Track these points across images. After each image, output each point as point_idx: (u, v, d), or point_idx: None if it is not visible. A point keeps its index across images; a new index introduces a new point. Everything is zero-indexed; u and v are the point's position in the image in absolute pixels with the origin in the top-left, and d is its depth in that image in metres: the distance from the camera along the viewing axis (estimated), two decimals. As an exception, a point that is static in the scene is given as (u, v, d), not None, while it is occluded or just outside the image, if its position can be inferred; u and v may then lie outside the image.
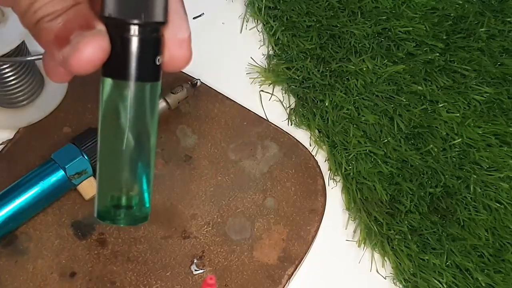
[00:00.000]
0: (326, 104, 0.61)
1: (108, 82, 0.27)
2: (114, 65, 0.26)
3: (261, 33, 0.67)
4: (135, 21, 0.25)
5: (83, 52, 0.25)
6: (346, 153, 0.58)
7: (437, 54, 0.65)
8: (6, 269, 0.50)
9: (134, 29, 0.26)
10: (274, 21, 0.66)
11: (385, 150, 0.59)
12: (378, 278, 0.54)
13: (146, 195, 0.29)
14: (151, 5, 0.26)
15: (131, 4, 0.25)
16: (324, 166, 0.58)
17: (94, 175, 0.53)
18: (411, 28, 0.67)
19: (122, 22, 0.25)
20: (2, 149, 0.56)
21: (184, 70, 0.61)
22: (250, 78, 0.64)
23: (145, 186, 0.29)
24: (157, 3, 0.26)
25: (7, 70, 0.54)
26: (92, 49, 0.25)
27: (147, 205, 0.29)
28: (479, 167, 0.59)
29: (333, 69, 0.63)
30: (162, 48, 0.27)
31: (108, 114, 0.27)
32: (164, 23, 0.26)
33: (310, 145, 0.60)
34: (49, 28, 0.26)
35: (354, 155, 0.58)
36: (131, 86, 0.26)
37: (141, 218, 0.29)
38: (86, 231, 0.52)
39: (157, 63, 0.27)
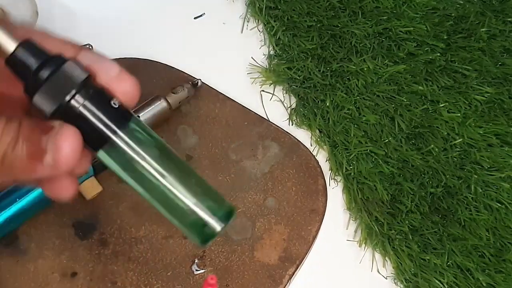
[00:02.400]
0: (327, 104, 0.61)
1: (101, 152, 0.27)
2: (91, 137, 0.27)
3: (262, 33, 0.67)
4: (70, 96, 0.26)
5: (63, 147, 0.26)
6: (347, 153, 0.58)
7: (438, 54, 0.65)
8: (7, 269, 0.50)
9: (76, 101, 0.26)
10: (275, 21, 0.66)
11: (386, 150, 0.59)
12: (379, 278, 0.54)
13: (214, 196, 0.29)
14: (69, 75, 0.26)
15: (58, 89, 0.26)
16: (325, 166, 0.58)
17: (95, 175, 0.53)
18: (412, 28, 0.67)
19: (64, 106, 0.26)
20: (3, 149, 0.56)
21: (185, 70, 0.62)
22: (251, 78, 0.64)
23: (206, 191, 0.29)
24: (72, 69, 0.27)
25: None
26: (69, 141, 0.26)
27: (221, 199, 0.29)
28: (480, 167, 0.59)
29: (334, 69, 0.63)
30: (108, 93, 0.28)
31: (125, 170, 0.28)
32: (89, 75, 0.27)
33: (311, 145, 0.60)
34: (17, 154, 0.26)
35: (355, 155, 0.58)
36: (119, 139, 0.27)
37: (230, 214, 0.29)
38: (87, 231, 0.52)
39: (115, 106, 0.27)
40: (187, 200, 0.28)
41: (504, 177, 0.58)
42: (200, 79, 0.60)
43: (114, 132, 0.27)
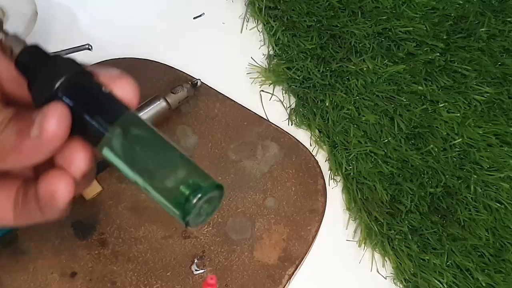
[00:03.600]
0: (327, 104, 0.61)
1: (101, 145, 0.28)
2: (86, 129, 0.28)
3: (261, 33, 0.67)
4: (57, 85, 0.27)
5: (49, 119, 0.26)
6: (347, 153, 0.58)
7: (438, 54, 0.65)
8: (7, 269, 0.50)
9: (61, 89, 0.27)
10: (274, 21, 0.66)
11: (385, 150, 0.59)
12: (379, 278, 0.54)
13: (199, 172, 0.29)
14: (63, 65, 0.28)
15: (51, 78, 0.27)
16: (324, 166, 0.58)
17: (96, 175, 0.53)
18: (411, 28, 0.67)
19: (54, 94, 0.27)
20: (3, 149, 0.56)
21: (184, 70, 0.62)
22: (250, 78, 0.64)
23: (192, 169, 0.29)
24: (68, 62, 0.28)
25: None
26: (56, 113, 0.27)
27: (206, 176, 0.29)
28: (479, 167, 0.59)
29: (333, 69, 0.63)
30: (97, 79, 0.28)
31: (124, 156, 0.28)
32: (83, 69, 0.28)
33: (311, 145, 0.60)
34: (7, 133, 0.27)
35: (354, 155, 0.58)
36: (115, 131, 0.27)
37: (218, 195, 0.29)
38: (87, 231, 0.52)
39: (106, 91, 0.28)
40: (172, 177, 0.29)
41: (504, 177, 0.58)
42: (200, 79, 0.60)
43: (108, 126, 0.27)
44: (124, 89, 0.29)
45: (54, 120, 0.26)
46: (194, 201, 0.28)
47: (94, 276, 0.50)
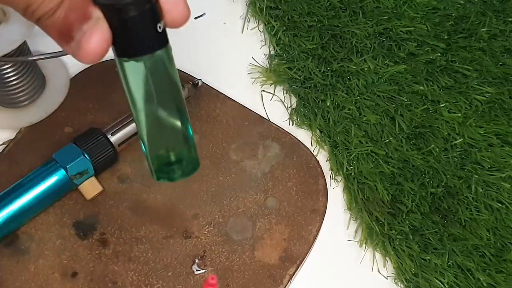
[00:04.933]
0: (328, 104, 0.61)
1: (123, 61, 0.28)
2: (122, 45, 0.28)
3: (262, 33, 0.67)
4: (127, 1, 0.26)
5: (87, 47, 0.26)
6: (348, 153, 0.58)
7: (439, 54, 0.65)
8: (8, 269, 0.50)
9: (128, 9, 0.26)
10: (275, 21, 0.66)
11: (386, 150, 0.58)
12: (380, 278, 0.54)
13: (191, 145, 0.31)
14: None
15: None
16: (325, 166, 0.58)
17: (96, 175, 0.53)
18: (412, 28, 0.67)
19: (116, 6, 0.26)
20: (4, 149, 0.56)
21: (185, 70, 0.62)
22: (251, 78, 0.64)
23: (187, 138, 0.31)
24: None
25: (8, 70, 0.54)
26: (95, 42, 0.26)
27: (194, 154, 0.31)
28: (480, 167, 0.59)
29: (334, 69, 0.63)
30: (160, 14, 0.28)
31: (134, 87, 0.29)
32: None
33: (312, 145, 0.60)
34: (50, 25, 0.27)
35: (355, 155, 0.58)
36: (145, 59, 0.28)
37: (193, 169, 0.31)
38: (88, 231, 0.52)
39: (159, 30, 0.28)
40: (162, 135, 0.30)
41: (505, 177, 0.58)
42: (201, 79, 0.60)
43: (144, 52, 0.27)
44: (177, 12, 0.29)
45: (94, 45, 0.26)
46: (173, 169, 0.30)
47: (95, 276, 0.50)
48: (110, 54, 0.29)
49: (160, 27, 0.27)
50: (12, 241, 0.51)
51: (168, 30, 0.29)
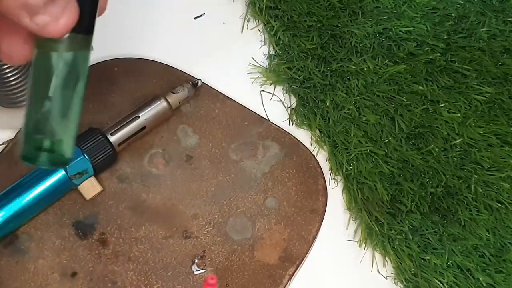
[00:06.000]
0: (327, 104, 0.61)
1: (48, 45, 0.29)
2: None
3: (262, 33, 0.67)
4: None
5: (60, 21, 0.27)
6: (347, 153, 0.58)
7: (438, 54, 0.65)
8: (7, 269, 0.50)
9: None
10: (275, 21, 0.66)
11: (386, 150, 0.58)
12: (379, 278, 0.54)
13: (70, 141, 0.32)
14: None
15: None
16: (325, 166, 0.58)
17: (95, 175, 0.53)
18: (412, 28, 0.67)
19: None
20: (3, 149, 0.56)
21: (185, 70, 0.62)
22: (251, 78, 0.64)
23: (69, 132, 0.32)
24: None
25: (8, 70, 0.54)
26: (68, 17, 0.27)
27: (69, 150, 0.32)
28: (480, 167, 0.59)
29: (334, 69, 0.63)
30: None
31: (39, 59, 0.30)
32: None
33: (311, 145, 0.60)
34: None
35: (355, 155, 0.58)
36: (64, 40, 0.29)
37: (60, 162, 0.32)
38: (87, 231, 0.52)
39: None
40: (43, 118, 0.30)
41: (504, 177, 0.58)
42: (200, 79, 0.60)
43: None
44: None
45: (64, 21, 0.27)
46: (41, 155, 0.30)
47: (95, 276, 0.50)
48: (109, 53, 0.29)
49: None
50: (11, 241, 0.51)
51: (168, 30, 0.30)
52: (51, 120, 0.31)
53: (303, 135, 0.60)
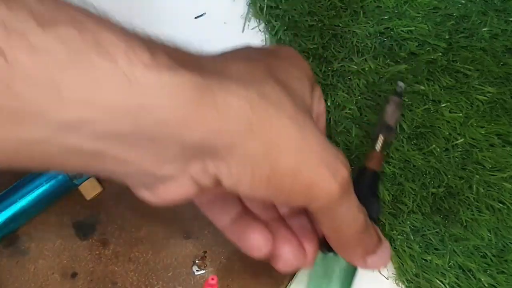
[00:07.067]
0: (328, 104, 0.61)
1: None
2: None
3: (263, 33, 0.67)
4: None
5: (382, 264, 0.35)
6: (349, 153, 0.58)
7: (440, 53, 0.65)
8: (7, 270, 0.49)
9: None
10: (276, 21, 0.66)
11: (387, 150, 0.58)
12: (380, 278, 0.53)
13: None
14: None
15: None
16: (326, 166, 0.58)
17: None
18: (413, 28, 0.66)
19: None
20: (4, 149, 0.56)
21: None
22: (252, 77, 0.63)
23: None
24: None
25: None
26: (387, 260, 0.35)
27: None
28: (482, 167, 0.59)
29: (335, 69, 0.63)
30: None
31: None
32: None
33: (312, 145, 0.59)
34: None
35: (356, 155, 0.58)
36: None
37: None
38: (88, 231, 0.52)
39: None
40: None
41: (506, 177, 0.58)
42: (201, 79, 0.60)
43: None
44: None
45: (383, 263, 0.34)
46: None
47: (95, 277, 0.50)
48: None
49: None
50: (11, 241, 0.51)
51: (169, 30, 0.29)
52: None
53: (304, 135, 0.60)
